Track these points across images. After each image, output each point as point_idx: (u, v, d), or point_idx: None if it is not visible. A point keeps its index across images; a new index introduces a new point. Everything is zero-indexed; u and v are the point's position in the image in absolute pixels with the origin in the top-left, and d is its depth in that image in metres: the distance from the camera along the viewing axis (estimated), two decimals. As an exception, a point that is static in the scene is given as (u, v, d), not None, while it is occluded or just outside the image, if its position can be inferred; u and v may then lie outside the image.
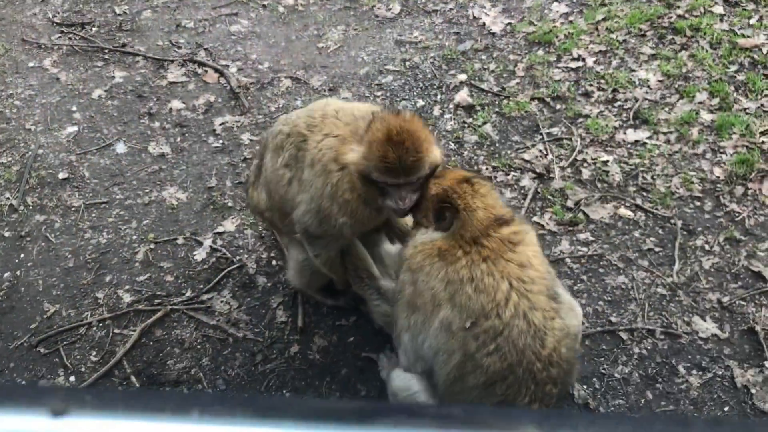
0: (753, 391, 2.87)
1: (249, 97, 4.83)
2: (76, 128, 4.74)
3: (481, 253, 2.30)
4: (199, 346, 3.33)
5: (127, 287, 3.63)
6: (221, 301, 3.50)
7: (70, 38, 5.66)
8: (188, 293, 3.57)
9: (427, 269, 2.38)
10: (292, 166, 2.85)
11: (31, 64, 5.39)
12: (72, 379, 3.24)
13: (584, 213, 3.66)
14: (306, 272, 3.17)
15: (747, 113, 4.01)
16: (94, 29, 5.75)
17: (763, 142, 3.83)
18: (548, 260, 3.32)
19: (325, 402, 2.06)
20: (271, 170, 2.97)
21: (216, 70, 5.13)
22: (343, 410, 0.87)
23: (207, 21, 5.66)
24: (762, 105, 4.03)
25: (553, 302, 2.35)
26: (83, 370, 3.27)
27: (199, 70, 5.15)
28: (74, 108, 4.92)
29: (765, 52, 4.35)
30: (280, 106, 4.72)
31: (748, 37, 4.46)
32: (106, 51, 5.45)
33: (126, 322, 3.47)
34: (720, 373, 2.96)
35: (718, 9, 4.76)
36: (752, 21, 4.60)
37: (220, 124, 4.62)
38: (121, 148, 4.55)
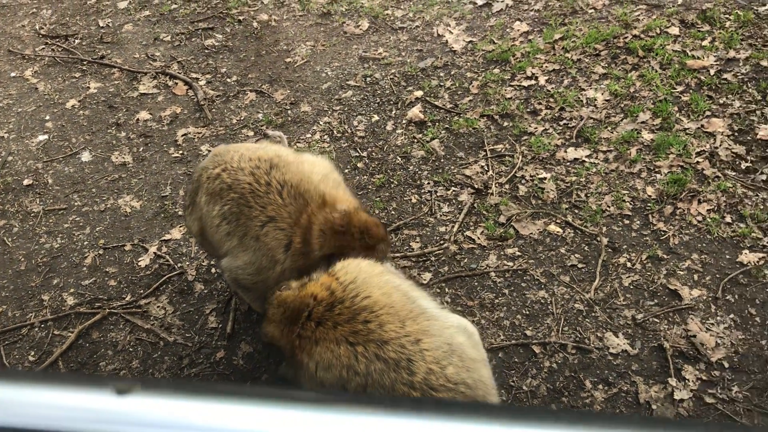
0: (654, 407, 2.93)
1: (213, 110, 4.99)
2: (46, 137, 4.93)
3: (310, 339, 2.42)
4: (131, 349, 3.47)
5: (72, 290, 3.78)
6: (158, 306, 3.64)
7: (53, 49, 5.89)
8: (128, 297, 3.71)
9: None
10: (233, 224, 2.90)
11: (12, 74, 5.61)
12: (7, 376, 3.38)
13: (515, 228, 3.74)
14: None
15: (687, 133, 4.06)
16: (76, 41, 5.96)
17: (698, 163, 3.88)
18: (475, 272, 3.42)
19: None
20: (206, 213, 3.01)
21: (186, 83, 5.30)
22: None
23: (184, 35, 5.85)
24: (702, 126, 4.08)
25: (414, 324, 2.38)
26: (20, 369, 3.42)
27: (170, 83, 5.33)
28: (47, 117, 5.12)
29: (712, 73, 4.40)
30: (242, 118, 4.86)
31: (698, 58, 4.51)
32: (85, 62, 5.66)
33: (66, 324, 3.61)
34: (625, 388, 3.01)
35: (674, 30, 4.82)
36: (704, 42, 4.65)
37: (183, 135, 4.77)
38: (86, 156, 4.73)
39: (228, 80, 5.29)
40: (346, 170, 4.31)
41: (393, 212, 3.99)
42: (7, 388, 0.88)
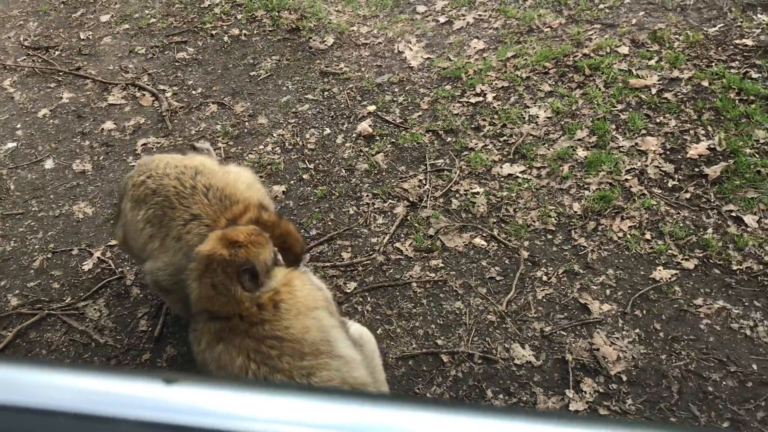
0: (549, 417, 2.99)
1: (175, 120, 5.16)
2: (14, 144, 5.14)
3: (216, 333, 2.52)
4: (64, 349, 3.62)
5: (17, 292, 3.95)
6: (94, 309, 3.79)
7: (33, 60, 6.12)
8: (68, 300, 3.87)
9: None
10: (156, 226, 3.01)
11: (-8, 84, 5.84)
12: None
13: (441, 241, 3.84)
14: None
15: (620, 151, 4.14)
16: (56, 53, 6.19)
17: (626, 180, 3.95)
18: (398, 283, 3.53)
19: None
20: (130, 220, 3.12)
21: (152, 94, 5.49)
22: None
23: (158, 48, 6.04)
24: (636, 144, 4.16)
25: (313, 360, 2.47)
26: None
27: (138, 94, 5.51)
28: (19, 126, 5.33)
29: (654, 92, 4.47)
30: (201, 129, 5.03)
31: (641, 77, 4.58)
32: (62, 73, 5.87)
33: (7, 324, 3.78)
34: (525, 398, 3.09)
35: (624, 49, 4.90)
36: (651, 62, 4.73)
37: (142, 145, 4.95)
38: (49, 164, 4.92)
39: (193, 92, 5.46)
40: (292, 181, 4.44)
41: (330, 223, 4.11)
42: (78, 377, 1.00)
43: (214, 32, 6.11)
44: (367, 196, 4.23)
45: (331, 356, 2.54)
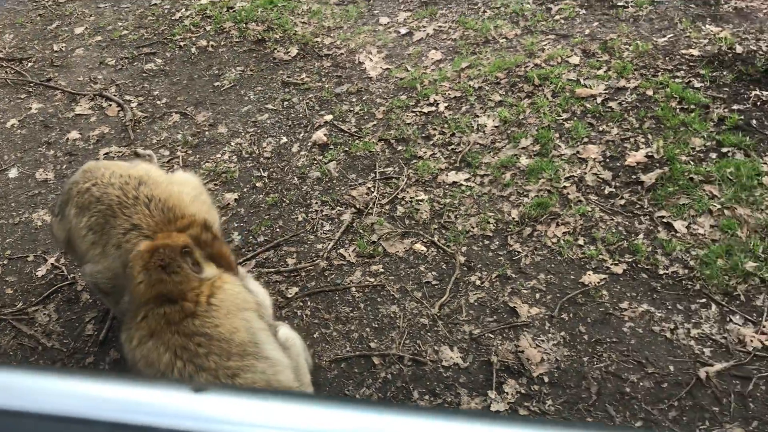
0: (471, 417, 3.08)
1: (138, 130, 5.28)
2: (-19, 154, 5.25)
3: (148, 329, 2.61)
4: (11, 353, 3.72)
5: (-29, 297, 4.06)
6: (44, 314, 3.89)
7: (6, 72, 6.25)
8: (20, 305, 3.97)
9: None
10: (98, 233, 3.11)
11: (-36, 95, 5.97)
12: None
13: (383, 247, 3.94)
14: None
15: (562, 159, 4.24)
16: (29, 64, 6.33)
17: (564, 188, 4.05)
18: (338, 288, 3.62)
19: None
20: (74, 225, 3.22)
21: (118, 105, 5.61)
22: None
23: (127, 59, 6.17)
24: (578, 152, 4.26)
25: (240, 361, 2.57)
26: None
27: (105, 104, 5.64)
28: (-13, 135, 5.45)
29: (599, 101, 4.58)
30: (162, 138, 5.14)
31: (588, 87, 4.69)
32: (32, 84, 6.00)
33: (-41, 328, 3.88)
34: (449, 399, 3.18)
35: (575, 59, 5.01)
36: (599, 72, 4.84)
37: (104, 154, 5.06)
38: (13, 173, 5.04)
39: (158, 102, 5.58)
40: (245, 189, 4.55)
41: (278, 230, 4.21)
42: (109, 386, 1.04)
43: (182, 44, 6.24)
44: (317, 203, 4.34)
45: (257, 358, 2.63)
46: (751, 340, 3.18)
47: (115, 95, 5.72)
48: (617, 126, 4.39)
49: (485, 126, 4.62)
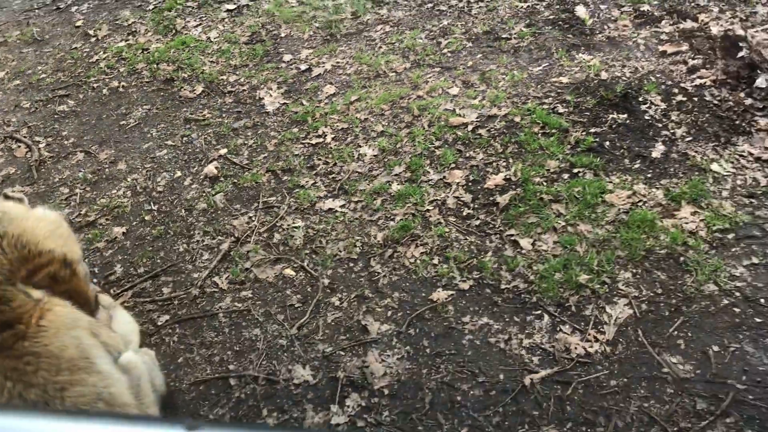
0: None
1: (43, 170, 5.46)
2: None
3: None
4: None
5: None
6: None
7: None
8: None
9: None
10: None
11: None
12: None
13: (255, 273, 4.13)
14: None
15: (429, 184, 4.48)
16: (-54, 109, 6.50)
17: (427, 211, 4.29)
18: (206, 314, 3.80)
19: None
20: None
21: (27, 146, 5.80)
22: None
23: (42, 102, 6.38)
24: (444, 177, 4.51)
25: (69, 376, 2.73)
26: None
27: (14, 146, 5.82)
28: None
29: (470, 129, 4.85)
30: (64, 176, 5.33)
31: (461, 116, 4.96)
32: (-53, 129, 6.17)
33: None
34: (296, 415, 3.36)
35: (454, 90, 5.29)
36: (475, 101, 5.12)
37: (6, 194, 5.22)
38: None
39: (65, 142, 5.78)
40: (134, 222, 4.73)
41: (159, 261, 4.40)
42: (100, 426, 1.03)
43: (95, 85, 6.46)
44: (199, 233, 4.53)
45: (89, 372, 2.79)
46: (576, 348, 3.40)
47: (25, 137, 5.91)
48: (483, 152, 4.66)
49: (365, 155, 4.87)
